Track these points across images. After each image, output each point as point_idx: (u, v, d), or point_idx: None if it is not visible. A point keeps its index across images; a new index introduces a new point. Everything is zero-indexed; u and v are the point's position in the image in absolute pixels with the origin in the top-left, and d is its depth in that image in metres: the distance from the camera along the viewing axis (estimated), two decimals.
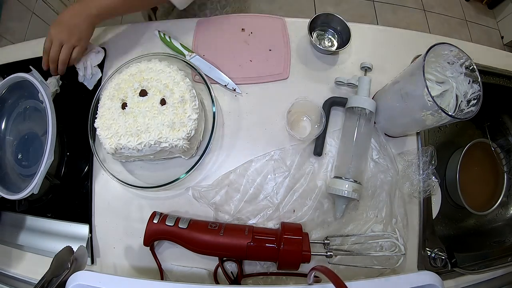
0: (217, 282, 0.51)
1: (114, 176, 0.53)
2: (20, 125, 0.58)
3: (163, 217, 0.49)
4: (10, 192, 0.52)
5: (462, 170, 0.71)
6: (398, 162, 0.57)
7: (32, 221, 0.58)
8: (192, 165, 0.52)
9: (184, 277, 0.52)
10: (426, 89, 0.42)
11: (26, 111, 0.58)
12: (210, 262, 0.52)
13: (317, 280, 0.39)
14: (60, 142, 0.58)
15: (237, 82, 0.59)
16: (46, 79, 0.57)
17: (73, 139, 0.60)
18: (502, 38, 2.03)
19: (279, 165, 0.55)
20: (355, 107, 0.54)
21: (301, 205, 0.54)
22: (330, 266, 0.51)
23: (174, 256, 0.53)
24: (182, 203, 0.55)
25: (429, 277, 0.38)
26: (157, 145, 0.48)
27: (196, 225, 0.49)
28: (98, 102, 0.54)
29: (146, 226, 0.48)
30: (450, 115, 0.42)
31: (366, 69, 0.59)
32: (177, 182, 0.51)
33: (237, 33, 0.64)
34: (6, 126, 0.58)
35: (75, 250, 0.46)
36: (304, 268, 0.48)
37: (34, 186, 0.48)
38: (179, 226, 0.48)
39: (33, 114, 0.57)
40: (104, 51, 0.62)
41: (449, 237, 0.73)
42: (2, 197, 0.52)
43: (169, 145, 0.48)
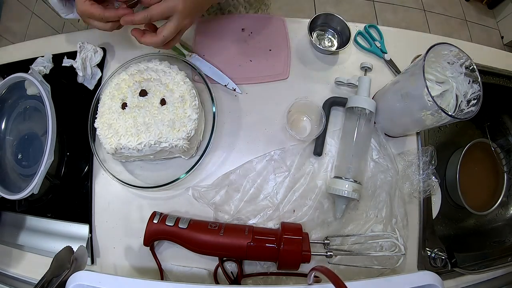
0: (217, 282, 0.51)
1: (114, 176, 0.53)
2: (20, 125, 0.58)
3: (163, 217, 0.49)
4: (10, 192, 0.52)
5: (462, 170, 0.71)
6: (398, 162, 0.57)
7: (32, 221, 0.58)
8: (192, 165, 0.52)
9: (184, 277, 0.51)
10: (426, 89, 0.42)
11: (26, 111, 0.58)
12: (210, 262, 0.52)
13: (317, 280, 0.39)
14: (60, 142, 0.58)
15: (237, 82, 0.59)
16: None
17: (73, 139, 0.60)
18: (502, 38, 2.03)
19: (279, 165, 0.55)
20: (355, 107, 0.54)
21: (301, 205, 0.54)
22: (330, 266, 0.51)
23: (174, 256, 0.53)
24: (182, 203, 0.55)
25: (429, 277, 0.38)
26: (157, 145, 0.48)
27: (196, 225, 0.49)
28: (98, 102, 0.54)
29: (146, 226, 0.48)
30: (450, 115, 0.42)
31: (366, 69, 0.59)
32: (177, 182, 0.51)
33: (237, 33, 0.64)
34: (6, 126, 0.58)
35: (75, 250, 0.46)
36: (304, 268, 0.48)
37: (34, 186, 0.48)
38: (179, 226, 0.48)
39: (33, 114, 0.57)
40: (103, 51, 0.62)
41: (449, 237, 0.73)
42: (2, 197, 0.52)
43: (169, 145, 0.48)
